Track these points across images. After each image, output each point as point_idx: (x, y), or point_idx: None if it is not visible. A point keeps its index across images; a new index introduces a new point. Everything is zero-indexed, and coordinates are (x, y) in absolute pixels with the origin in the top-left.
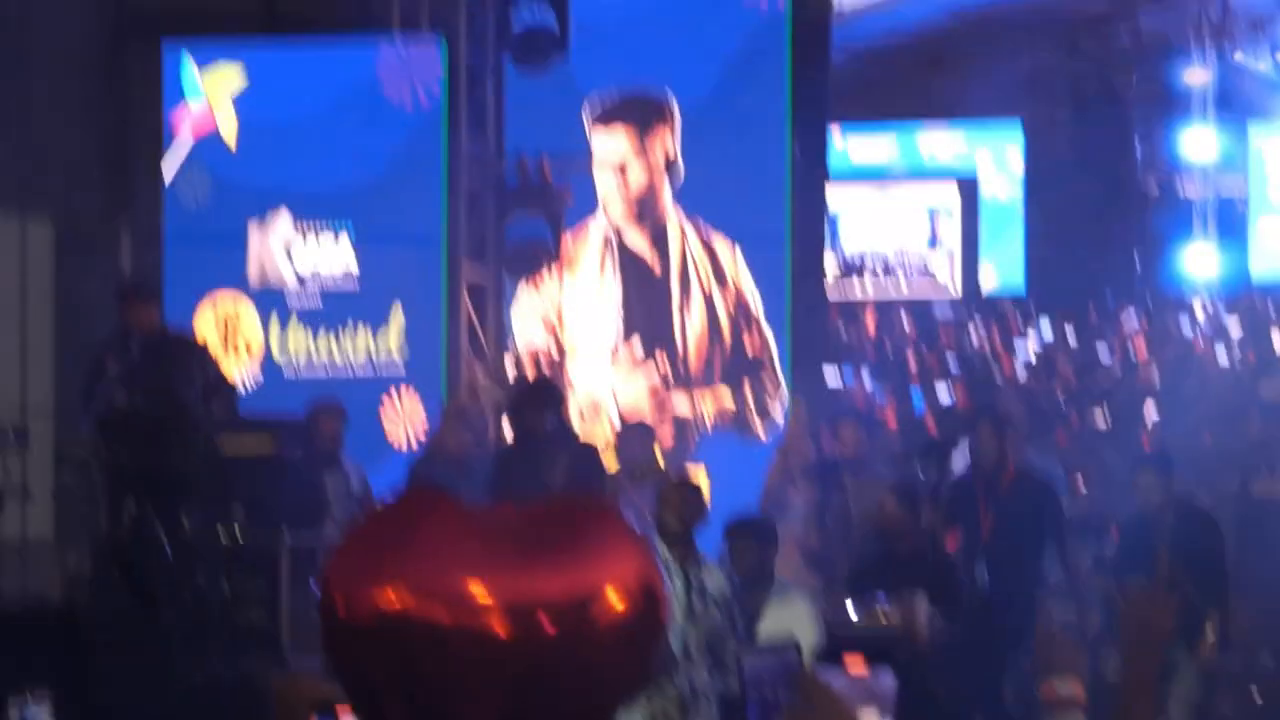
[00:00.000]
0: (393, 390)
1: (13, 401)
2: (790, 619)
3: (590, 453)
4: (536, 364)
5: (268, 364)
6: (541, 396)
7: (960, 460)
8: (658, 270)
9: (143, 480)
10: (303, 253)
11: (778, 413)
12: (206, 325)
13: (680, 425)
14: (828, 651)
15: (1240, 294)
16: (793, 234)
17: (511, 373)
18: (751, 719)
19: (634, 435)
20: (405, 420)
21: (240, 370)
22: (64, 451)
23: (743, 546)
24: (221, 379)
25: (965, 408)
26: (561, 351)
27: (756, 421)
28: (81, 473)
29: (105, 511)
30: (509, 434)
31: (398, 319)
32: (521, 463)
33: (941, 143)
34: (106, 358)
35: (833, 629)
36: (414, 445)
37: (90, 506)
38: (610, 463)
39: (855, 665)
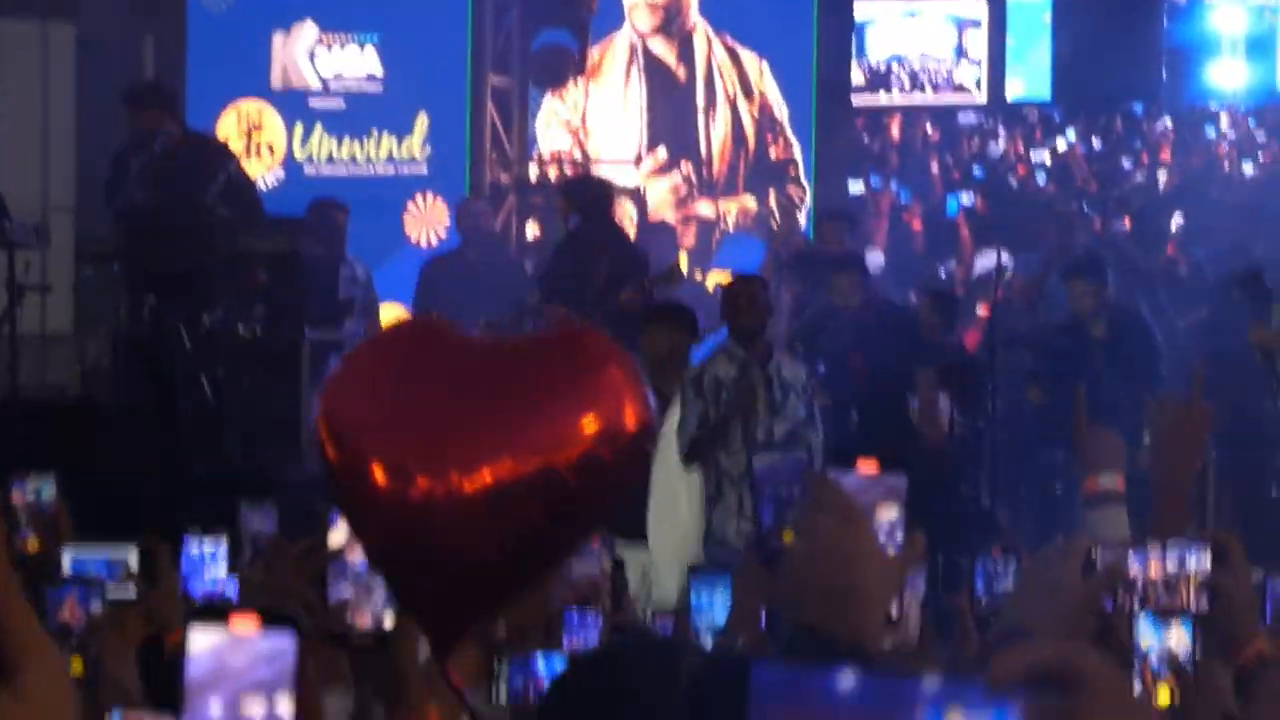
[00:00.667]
0: (416, 194)
1: (34, 198)
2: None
3: (633, 250)
4: (571, 166)
5: (290, 166)
6: (588, 191)
7: (982, 263)
8: (683, 79)
9: (163, 277)
10: (327, 60)
11: (802, 219)
12: (229, 129)
13: (703, 230)
14: (841, 456)
15: (1267, 105)
16: (819, 45)
17: (535, 175)
18: (764, 517)
19: (657, 239)
20: (426, 222)
21: (262, 172)
22: (84, 248)
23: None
24: (243, 179)
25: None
26: (586, 158)
27: (780, 227)
28: (102, 268)
29: (125, 306)
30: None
31: (422, 125)
32: (571, 256)
33: None
34: (128, 157)
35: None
36: (433, 245)
37: (110, 301)
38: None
39: (868, 466)
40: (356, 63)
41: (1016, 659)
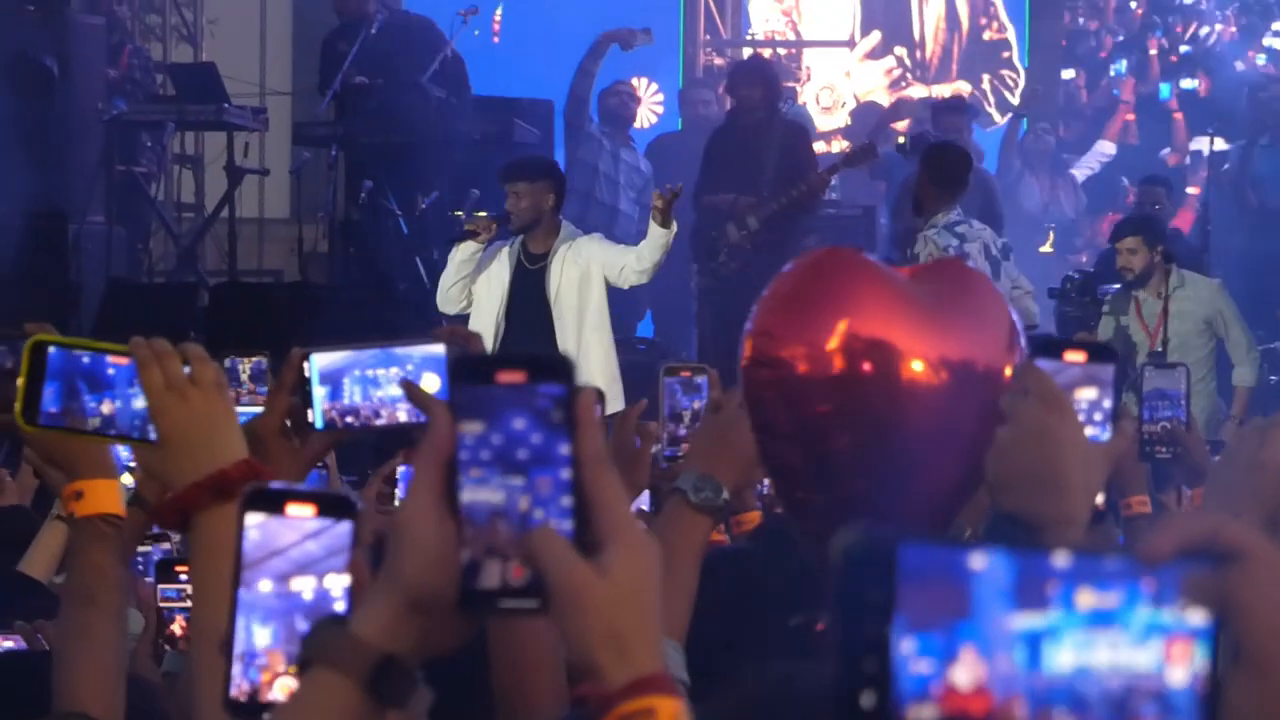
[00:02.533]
0: (631, 76)
1: (251, 82)
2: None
3: (800, 133)
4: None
5: (503, 44)
6: (754, 74)
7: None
8: None
9: (379, 160)
10: None
11: (1016, 101)
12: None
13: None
14: (1050, 343)
15: None
16: None
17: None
18: None
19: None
20: (644, 105)
21: (479, 50)
22: (301, 131)
23: None
24: (456, 60)
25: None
26: (799, 40)
27: (994, 113)
28: (318, 152)
29: (341, 189)
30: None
31: (637, 7)
32: (734, 138)
33: None
34: (344, 39)
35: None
36: (644, 128)
37: (326, 184)
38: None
39: (1075, 354)
40: None
41: (1168, 533)
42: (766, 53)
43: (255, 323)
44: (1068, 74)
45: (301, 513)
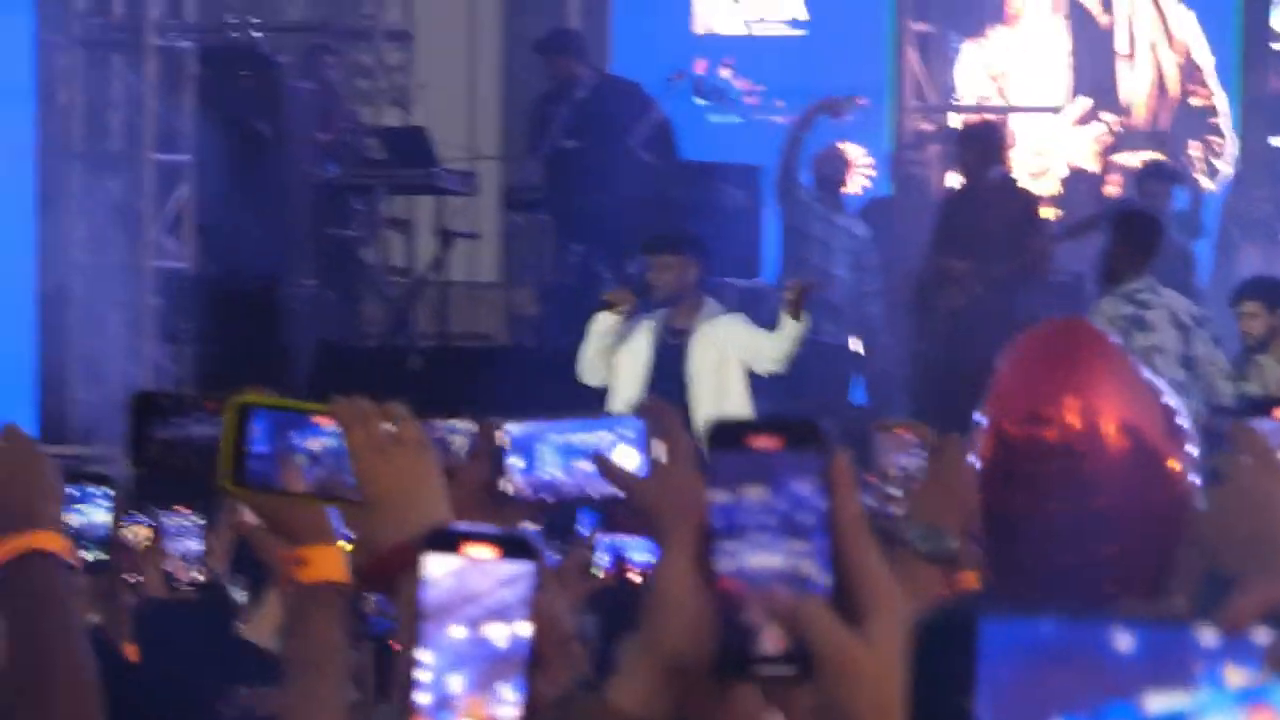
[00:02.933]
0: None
1: (461, 146)
2: None
3: (1029, 203)
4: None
5: (698, 111)
6: (984, 141)
7: None
8: (1105, 24)
9: (588, 224)
10: (751, 4)
11: (1226, 167)
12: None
13: (1126, 179)
14: (1260, 403)
15: None
16: None
17: (956, 123)
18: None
19: (1080, 189)
20: (856, 169)
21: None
22: (511, 195)
23: None
24: (665, 124)
25: None
26: (1007, 105)
27: (1203, 179)
28: (528, 215)
29: (551, 253)
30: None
31: (844, 72)
32: (964, 208)
33: None
34: (554, 103)
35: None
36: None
37: (536, 248)
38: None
39: None
40: (780, 6)
41: (1252, 598)
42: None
43: (466, 387)
44: (1276, 140)
45: (484, 555)
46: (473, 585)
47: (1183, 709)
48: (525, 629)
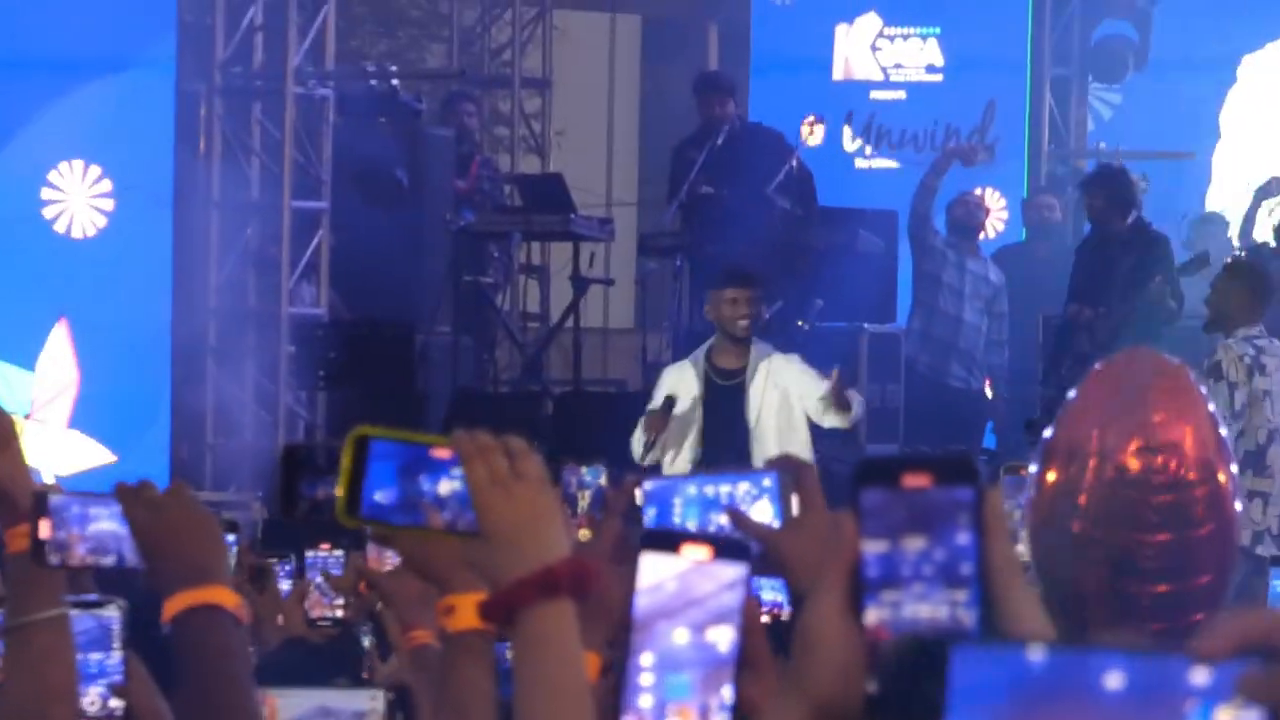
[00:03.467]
0: (976, 186)
1: (599, 192)
2: None
3: (1158, 244)
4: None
5: (838, 156)
6: (1110, 185)
7: None
8: None
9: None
10: (889, 50)
11: None
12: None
13: None
14: None
15: None
16: None
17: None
18: None
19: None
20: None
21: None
22: (647, 241)
23: None
24: (803, 171)
25: None
26: (1145, 150)
27: None
28: (664, 261)
29: (686, 299)
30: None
31: (982, 116)
32: (1093, 254)
33: None
34: (692, 148)
35: None
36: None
37: (671, 294)
38: None
39: None
40: (918, 54)
41: (1225, 629)
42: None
43: (600, 432)
44: None
45: (700, 556)
46: (696, 589)
47: None
48: (736, 632)
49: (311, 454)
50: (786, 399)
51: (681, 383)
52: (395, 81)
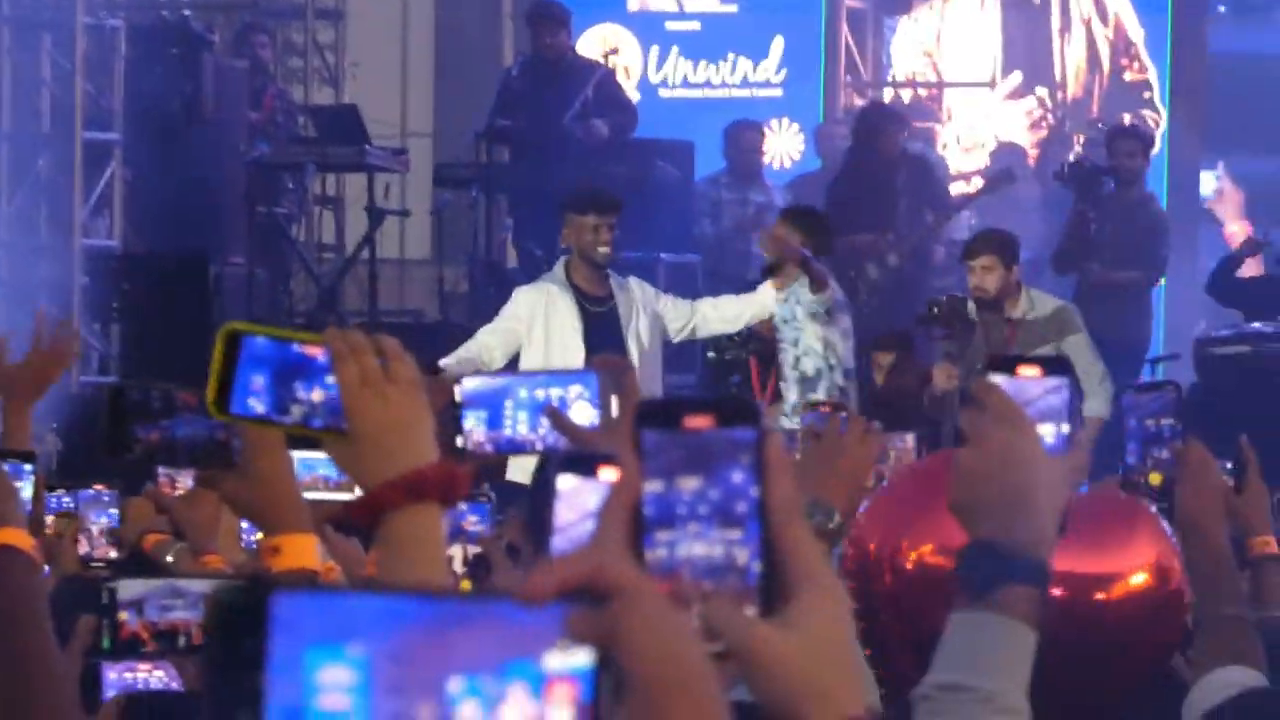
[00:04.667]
0: (771, 118)
1: (393, 122)
2: None
3: (925, 166)
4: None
5: (645, 89)
6: (873, 119)
7: None
8: (1038, 1)
9: (520, 199)
10: None
11: (1158, 142)
12: (588, 52)
13: (1055, 151)
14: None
15: None
16: None
17: (889, 99)
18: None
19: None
20: (781, 146)
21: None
22: (443, 172)
23: None
24: (614, 94)
25: None
26: (940, 81)
27: None
28: (460, 192)
29: (483, 230)
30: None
31: (777, 48)
32: (859, 178)
33: None
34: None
35: None
36: (785, 168)
37: (467, 226)
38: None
39: (1029, 369)
40: None
41: (548, 573)
42: (907, 94)
43: None
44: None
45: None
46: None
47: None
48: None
49: (146, 396)
50: (657, 322)
51: (552, 310)
52: (187, 12)
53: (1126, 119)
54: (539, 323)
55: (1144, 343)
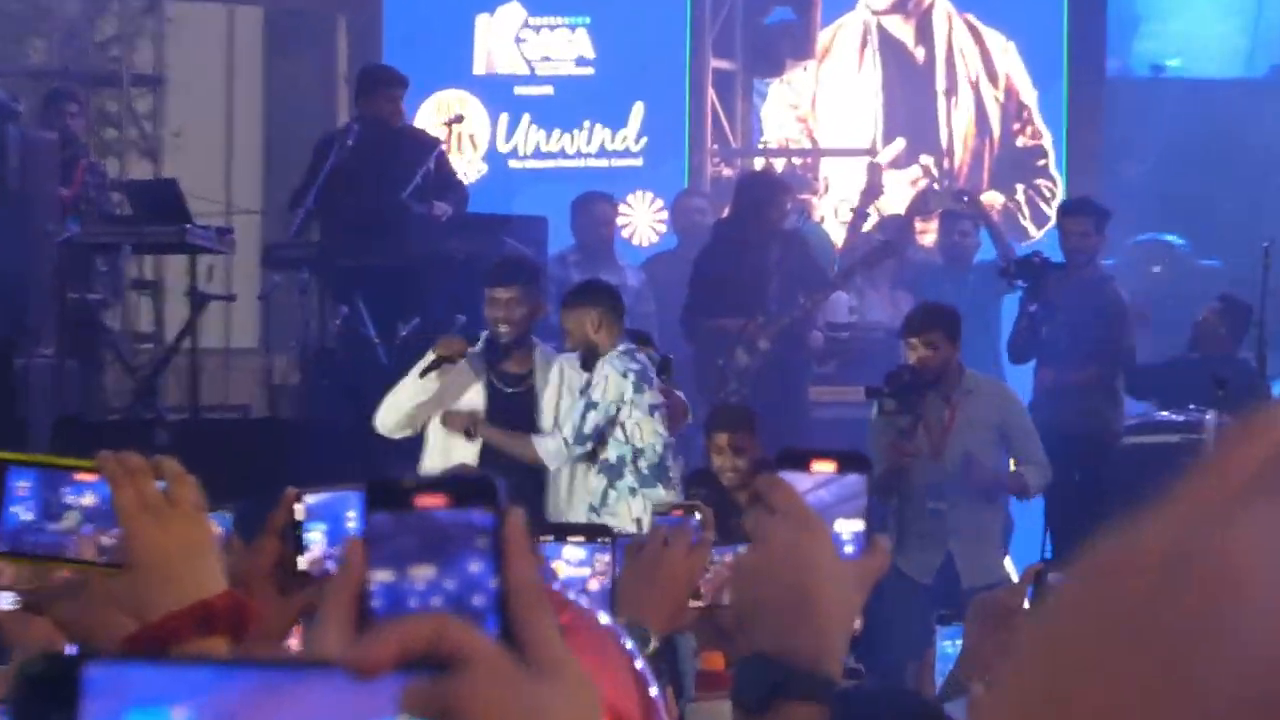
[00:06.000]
0: (631, 190)
1: (218, 199)
2: None
3: (799, 242)
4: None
5: (493, 159)
6: (768, 188)
7: None
8: (921, 60)
9: (357, 284)
10: (535, 43)
11: (1053, 215)
12: (428, 120)
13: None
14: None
15: None
16: (1069, 31)
17: (761, 168)
18: None
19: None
20: (642, 219)
21: (464, 168)
22: (272, 253)
23: None
24: (447, 174)
25: None
26: (816, 149)
27: (1030, 226)
28: (291, 275)
29: (315, 316)
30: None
31: (637, 114)
32: (728, 255)
33: None
34: (323, 151)
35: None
36: (646, 244)
37: (299, 311)
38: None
39: (823, 464)
40: (566, 46)
41: (385, 638)
42: (780, 163)
43: (220, 465)
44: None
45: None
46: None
47: None
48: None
49: None
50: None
51: (457, 393)
52: None
53: (1020, 190)
54: (435, 402)
55: (1116, 434)
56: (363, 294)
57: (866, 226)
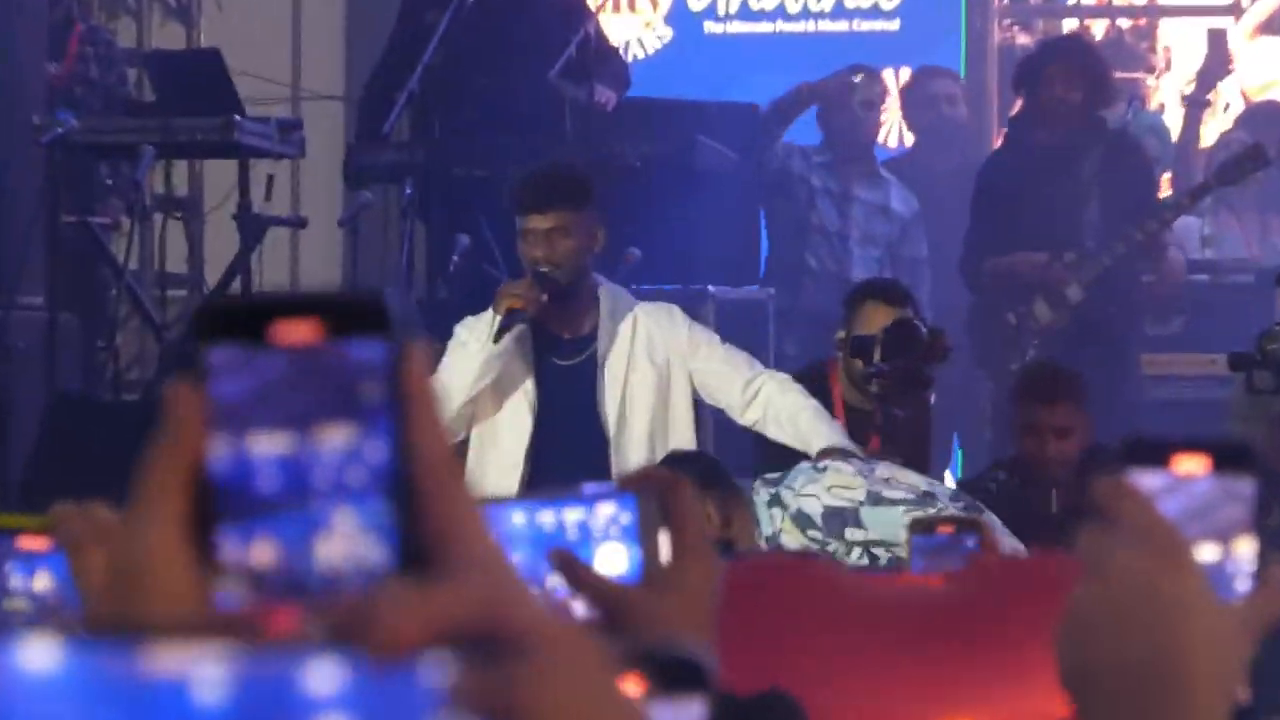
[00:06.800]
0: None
1: (281, 80)
2: None
3: (1133, 150)
4: None
5: (681, 21)
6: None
7: None
8: None
9: (478, 201)
10: None
11: None
12: None
13: None
14: (1146, 445)
15: None
16: None
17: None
18: None
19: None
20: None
21: (635, 34)
22: (358, 159)
23: None
24: (606, 45)
25: None
26: (1153, 5)
27: None
28: (385, 190)
29: (421, 249)
30: None
31: None
32: (1027, 166)
33: None
34: (431, 8)
35: None
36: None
37: (398, 241)
38: None
39: (1191, 461)
40: None
41: (407, 610)
42: (1100, 26)
43: None
44: None
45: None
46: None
47: None
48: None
49: None
50: (666, 378)
51: (501, 364)
52: None
53: None
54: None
55: None
56: (487, 216)
57: (1220, 123)
